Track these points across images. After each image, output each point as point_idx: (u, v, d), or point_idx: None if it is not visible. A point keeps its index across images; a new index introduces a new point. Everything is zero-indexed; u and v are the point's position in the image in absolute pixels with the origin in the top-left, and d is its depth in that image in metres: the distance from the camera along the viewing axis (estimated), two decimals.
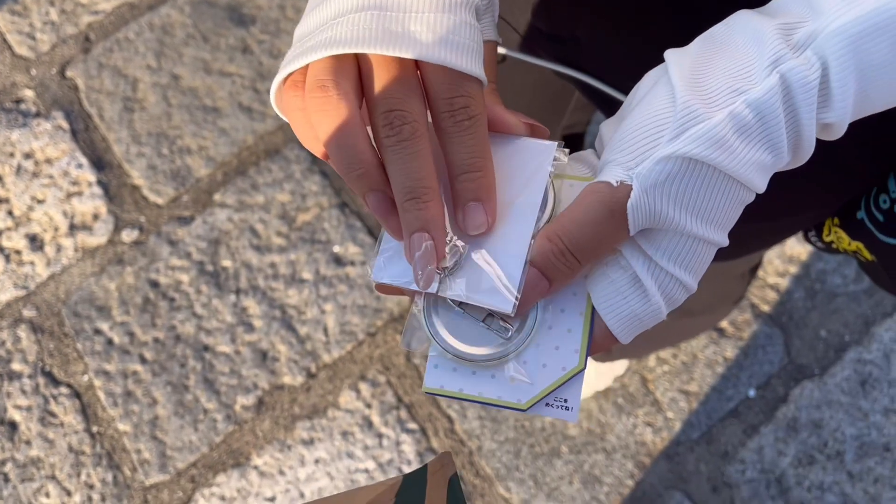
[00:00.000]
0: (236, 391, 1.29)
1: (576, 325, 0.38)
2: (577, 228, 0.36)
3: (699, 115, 0.34)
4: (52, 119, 1.47)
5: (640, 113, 0.36)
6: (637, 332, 0.38)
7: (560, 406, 0.38)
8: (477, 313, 0.38)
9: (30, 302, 1.35)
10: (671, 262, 0.36)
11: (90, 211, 1.40)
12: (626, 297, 0.37)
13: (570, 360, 0.38)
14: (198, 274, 1.36)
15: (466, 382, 0.39)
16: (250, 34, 1.52)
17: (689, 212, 0.35)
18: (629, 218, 0.35)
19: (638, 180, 0.35)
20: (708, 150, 0.34)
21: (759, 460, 1.24)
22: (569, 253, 0.36)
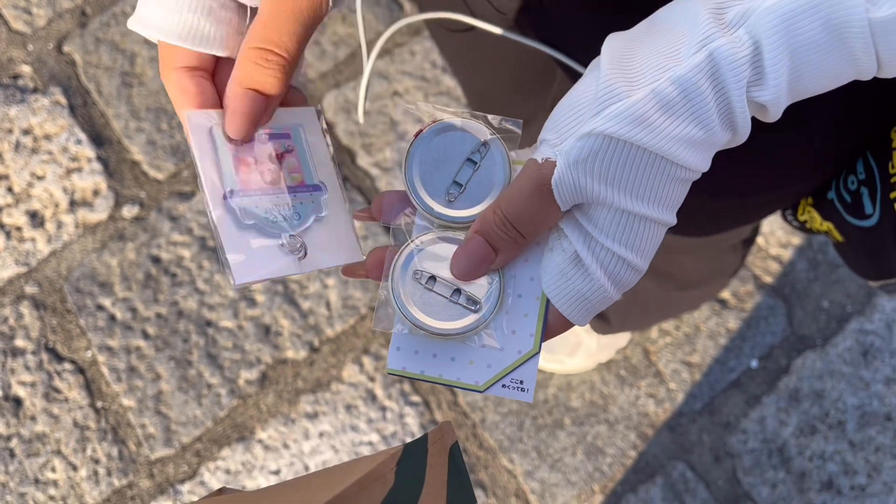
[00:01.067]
0: (240, 366, 1.29)
1: (532, 309, 0.40)
2: (513, 202, 0.38)
3: (619, 94, 0.35)
4: (50, 95, 1.45)
5: (570, 93, 0.37)
6: (588, 313, 0.39)
7: (516, 387, 0.40)
8: (444, 290, 0.40)
9: (31, 278, 1.35)
10: (610, 239, 0.37)
11: (90, 187, 1.40)
12: (569, 279, 0.38)
13: (525, 344, 0.40)
14: (199, 249, 1.36)
15: (427, 364, 0.40)
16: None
17: (616, 188, 0.36)
18: (555, 193, 0.36)
19: (561, 157, 0.36)
20: (626, 128, 0.35)
21: (760, 430, 1.24)
22: (508, 223, 0.38)
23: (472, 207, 0.40)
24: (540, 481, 1.23)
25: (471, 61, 0.82)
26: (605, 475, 1.23)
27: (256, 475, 1.24)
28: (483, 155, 0.41)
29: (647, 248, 0.38)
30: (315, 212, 0.43)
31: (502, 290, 0.40)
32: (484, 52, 0.78)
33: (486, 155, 0.41)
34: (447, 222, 0.40)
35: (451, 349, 0.40)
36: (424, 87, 1.44)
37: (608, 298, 0.38)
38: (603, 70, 0.36)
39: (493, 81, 0.85)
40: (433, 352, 0.40)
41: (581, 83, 0.37)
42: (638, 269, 0.38)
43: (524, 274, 0.40)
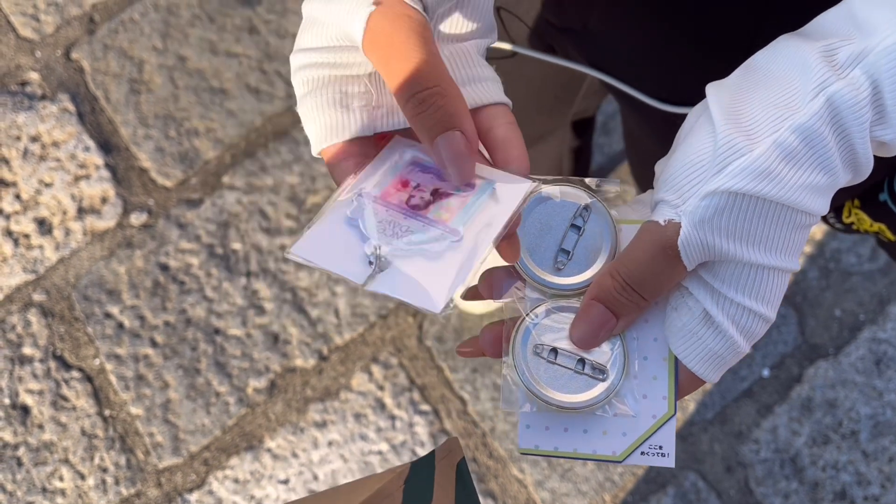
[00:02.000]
0: (248, 374, 1.28)
1: (660, 371, 0.39)
2: (634, 265, 0.37)
3: (741, 149, 0.34)
4: (58, 102, 1.45)
5: (683, 151, 0.37)
6: (721, 370, 0.38)
7: (655, 453, 0.38)
8: (567, 361, 0.39)
9: (39, 286, 1.35)
10: (739, 293, 0.36)
11: (98, 194, 1.39)
12: (700, 338, 0.37)
13: (659, 408, 0.38)
14: (207, 257, 1.35)
15: (560, 440, 0.39)
16: (256, 14, 1.50)
17: (743, 242, 0.35)
18: (682, 254, 0.36)
19: (685, 217, 0.35)
20: (752, 183, 0.34)
21: (773, 440, 1.23)
22: (629, 288, 0.37)
23: (582, 273, 0.39)
24: (550, 491, 1.22)
25: None
26: (615, 485, 1.22)
27: (265, 484, 1.23)
28: (586, 219, 0.40)
29: (775, 297, 0.37)
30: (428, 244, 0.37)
31: (626, 354, 0.39)
32: (512, 74, 0.77)
33: (588, 219, 0.40)
34: (560, 291, 0.39)
35: (582, 421, 0.39)
36: None
37: (740, 353, 0.38)
38: (718, 125, 0.35)
39: (519, 102, 0.85)
40: (564, 426, 0.39)
41: (693, 139, 0.36)
42: (767, 319, 0.38)
43: (646, 335, 0.39)
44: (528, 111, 0.88)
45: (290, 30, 1.49)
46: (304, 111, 0.38)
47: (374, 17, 0.34)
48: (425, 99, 0.34)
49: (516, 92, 0.82)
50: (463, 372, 1.28)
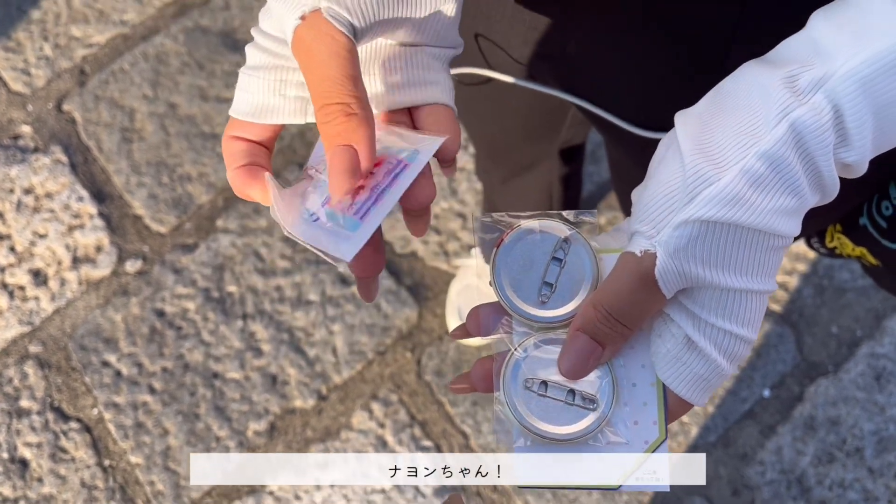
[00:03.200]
0: (248, 417, 1.28)
1: (650, 397, 0.39)
2: (615, 296, 0.38)
3: (709, 178, 0.35)
4: (51, 153, 1.46)
5: (654, 182, 0.38)
6: (707, 392, 0.39)
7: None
8: (558, 393, 0.40)
9: (35, 338, 1.34)
10: (719, 318, 0.37)
11: (93, 243, 1.40)
12: (684, 363, 0.38)
13: (650, 433, 0.39)
14: (204, 301, 1.35)
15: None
16: (245, 59, 1.53)
17: (719, 269, 0.36)
18: (660, 283, 0.37)
19: (660, 248, 0.36)
20: (722, 211, 0.35)
21: (778, 461, 1.23)
22: (612, 318, 0.38)
23: (566, 305, 0.40)
24: None
25: (483, 111, 0.82)
26: None
27: None
28: (567, 251, 0.41)
29: (755, 319, 0.38)
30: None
31: (615, 382, 0.40)
32: (496, 101, 0.78)
33: (569, 251, 0.41)
34: (546, 324, 0.40)
35: (576, 452, 0.39)
36: None
37: (724, 375, 0.39)
38: (686, 155, 0.36)
39: (504, 130, 0.86)
40: (558, 458, 0.40)
41: (663, 169, 0.38)
42: (749, 341, 0.38)
43: (634, 362, 0.40)
44: (516, 139, 0.88)
45: None
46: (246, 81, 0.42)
47: (299, 28, 0.37)
48: (331, 112, 0.36)
49: (503, 121, 0.83)
50: (463, 406, 1.27)
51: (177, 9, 1.57)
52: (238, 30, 1.55)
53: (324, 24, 0.37)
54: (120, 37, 1.55)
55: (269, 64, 0.41)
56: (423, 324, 1.33)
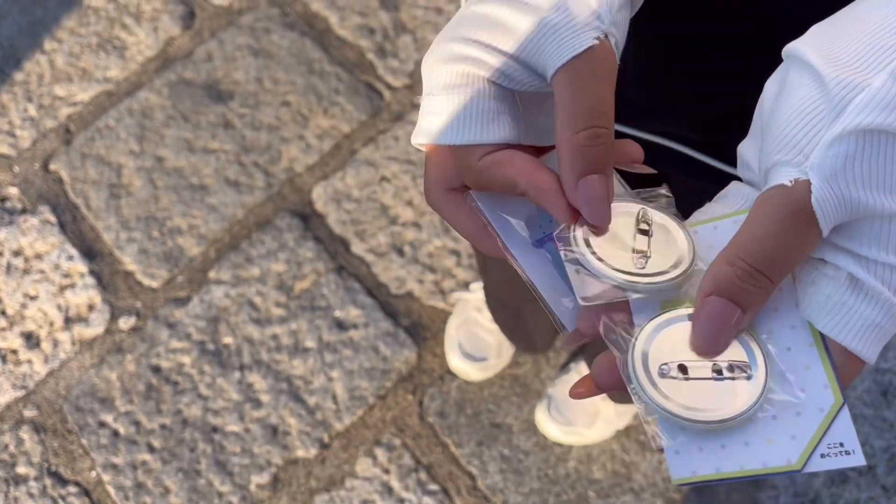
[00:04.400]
0: (250, 470, 1.25)
1: (812, 359, 0.33)
2: (758, 243, 0.32)
3: (857, 85, 0.30)
4: (39, 214, 1.45)
5: (786, 107, 0.33)
6: (881, 342, 0.33)
7: (838, 452, 0.32)
8: (702, 373, 0.34)
9: (30, 401, 1.32)
10: (882, 251, 0.32)
11: (84, 302, 1.38)
12: (850, 307, 0.32)
13: (824, 399, 0.33)
14: (199, 354, 1.33)
15: (720, 460, 0.33)
16: (230, 109, 1.53)
17: (882, 190, 0.31)
18: (818, 215, 0.31)
19: (814, 172, 0.31)
20: (881, 116, 0.30)
21: (791, 484, 1.21)
22: (756, 272, 0.32)
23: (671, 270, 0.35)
24: None
25: None
26: None
27: None
28: (650, 223, 0.36)
29: None
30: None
31: (763, 349, 0.34)
32: None
33: (652, 222, 0.36)
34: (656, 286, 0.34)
35: (740, 433, 0.33)
36: (412, 170, 1.45)
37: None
38: (822, 69, 0.31)
39: None
40: (720, 443, 0.33)
41: (793, 93, 0.33)
42: None
43: (780, 326, 0.34)
44: None
45: (265, 121, 1.51)
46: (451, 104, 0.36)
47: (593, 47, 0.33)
48: (601, 135, 0.33)
49: None
50: (468, 446, 1.25)
51: (159, 63, 1.58)
52: (222, 80, 1.55)
53: (610, 48, 0.34)
54: (104, 94, 1.55)
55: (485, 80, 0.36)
56: (423, 364, 1.31)
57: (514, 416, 1.27)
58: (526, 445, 1.25)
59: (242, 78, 1.55)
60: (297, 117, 1.51)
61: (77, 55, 1.59)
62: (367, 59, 1.56)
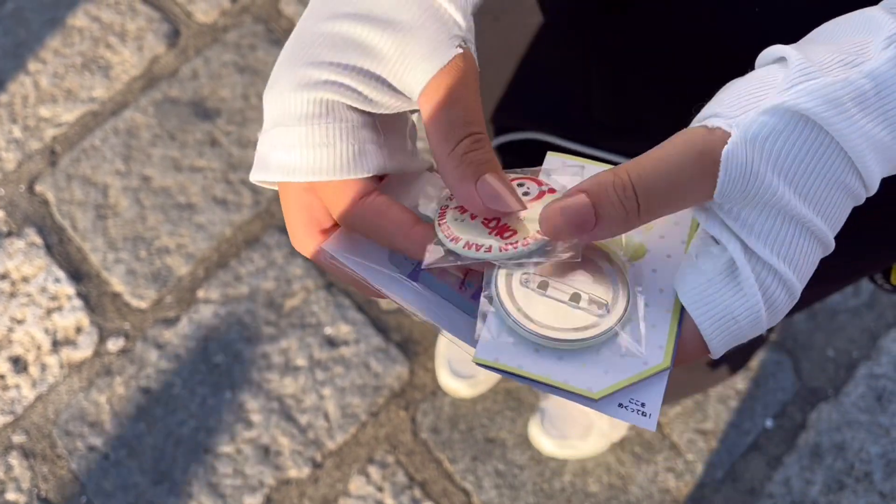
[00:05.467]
0: (242, 492, 1.24)
1: (661, 321, 0.34)
2: (652, 164, 0.31)
3: (814, 74, 0.31)
4: (25, 236, 1.44)
5: (740, 82, 0.33)
6: (731, 339, 0.33)
7: (636, 410, 0.32)
8: (560, 295, 0.34)
9: (18, 427, 1.30)
10: (769, 250, 0.32)
11: (72, 325, 1.37)
12: (718, 291, 0.32)
13: (653, 356, 0.33)
14: (190, 374, 1.32)
15: (528, 360, 0.33)
16: (217, 127, 1.52)
17: (787, 181, 0.31)
18: (721, 166, 0.31)
19: (738, 129, 0.31)
20: (822, 107, 0.30)
21: (787, 493, 1.20)
22: (630, 188, 0.31)
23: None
24: None
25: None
26: None
27: None
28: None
29: (805, 268, 0.33)
30: None
31: (630, 300, 0.34)
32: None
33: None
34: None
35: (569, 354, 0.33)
36: None
37: (758, 325, 0.33)
38: (791, 56, 0.32)
39: None
40: (534, 346, 0.33)
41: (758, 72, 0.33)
42: (793, 292, 0.33)
43: (653, 285, 0.35)
44: None
45: (252, 138, 1.50)
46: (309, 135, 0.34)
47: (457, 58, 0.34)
48: (481, 139, 0.34)
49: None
50: (463, 462, 1.24)
51: (145, 82, 1.57)
52: (208, 98, 1.55)
53: (471, 56, 0.34)
54: (89, 114, 1.54)
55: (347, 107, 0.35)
56: (416, 380, 1.30)
57: (508, 431, 1.26)
58: (521, 460, 1.24)
59: (229, 95, 1.55)
60: None
61: (62, 76, 1.58)
62: None
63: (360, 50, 0.34)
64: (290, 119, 0.35)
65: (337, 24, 0.35)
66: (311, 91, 0.34)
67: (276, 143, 0.35)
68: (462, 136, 0.33)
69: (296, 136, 0.34)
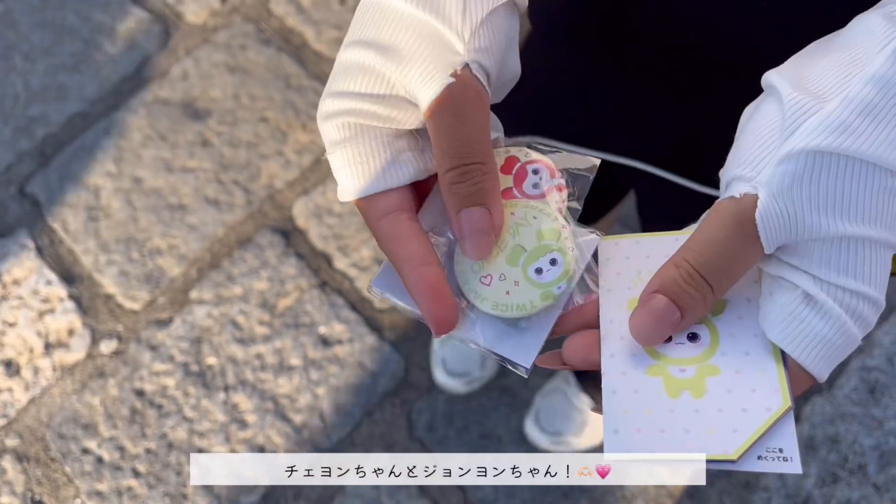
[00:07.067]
0: (238, 492, 1.24)
1: (767, 363, 0.34)
2: (704, 248, 0.33)
3: (810, 108, 0.32)
4: (16, 239, 1.43)
5: (750, 128, 0.34)
6: (831, 359, 0.33)
7: (776, 458, 0.33)
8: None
9: (11, 430, 1.30)
10: (838, 274, 0.32)
11: (65, 327, 1.36)
12: (802, 320, 0.33)
13: (773, 400, 0.33)
14: (183, 376, 1.32)
15: (657, 443, 0.33)
16: (208, 127, 1.51)
17: (830, 212, 0.32)
18: (759, 229, 0.32)
19: (762, 188, 0.32)
20: (830, 138, 0.31)
21: (782, 486, 1.20)
22: (697, 275, 0.33)
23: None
24: None
25: None
26: None
27: None
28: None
29: (880, 275, 0.33)
30: None
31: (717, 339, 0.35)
32: None
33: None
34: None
35: (681, 419, 0.34)
36: None
37: (852, 340, 0.33)
38: (784, 93, 0.33)
39: None
40: (660, 427, 0.34)
41: (758, 117, 0.34)
42: (876, 302, 0.33)
43: (745, 332, 0.35)
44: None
45: (243, 138, 1.50)
46: (345, 157, 0.36)
47: (449, 87, 0.34)
48: (467, 172, 0.34)
49: None
50: None
51: (135, 83, 1.56)
52: (198, 98, 1.54)
53: (472, 81, 0.35)
54: (79, 115, 1.54)
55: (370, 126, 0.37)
56: (410, 378, 1.30)
57: (504, 427, 1.26)
58: None
59: (219, 95, 1.54)
60: (275, 133, 1.50)
61: (52, 77, 1.57)
62: None
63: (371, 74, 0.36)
64: (330, 146, 0.37)
65: (353, 52, 0.37)
66: (338, 118, 0.36)
67: (333, 168, 0.38)
68: (450, 167, 0.35)
69: (339, 160, 0.37)
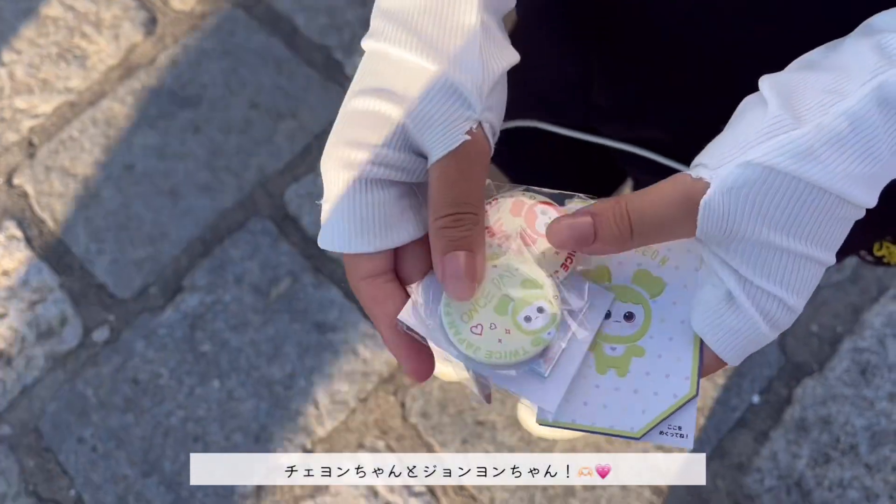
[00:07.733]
0: (235, 488, 1.24)
1: (685, 353, 0.39)
2: (646, 201, 0.36)
3: (786, 125, 0.34)
4: (4, 230, 1.42)
5: (734, 125, 0.36)
6: (741, 350, 0.37)
7: (674, 434, 0.38)
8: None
9: (4, 421, 1.29)
10: (763, 278, 0.35)
11: (56, 317, 1.36)
12: (721, 315, 0.37)
13: (681, 388, 0.38)
14: (177, 364, 1.31)
15: (577, 413, 0.39)
16: (198, 113, 1.50)
17: (770, 223, 0.34)
18: (699, 213, 0.35)
19: (716, 180, 0.34)
20: (790, 161, 0.33)
21: (775, 467, 1.21)
22: (626, 218, 0.35)
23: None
24: None
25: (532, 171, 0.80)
26: None
27: None
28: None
29: (802, 285, 0.36)
30: None
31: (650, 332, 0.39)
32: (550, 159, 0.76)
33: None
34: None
35: (602, 395, 0.39)
36: None
37: (763, 336, 0.37)
38: (771, 104, 0.35)
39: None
40: (583, 399, 0.38)
41: (741, 119, 0.36)
42: (794, 309, 0.36)
43: (674, 317, 0.39)
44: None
45: (234, 125, 1.49)
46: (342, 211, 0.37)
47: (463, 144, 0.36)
48: (461, 219, 0.36)
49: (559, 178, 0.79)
50: (453, 445, 1.24)
51: (122, 71, 1.55)
52: (188, 84, 1.53)
53: (481, 138, 0.36)
54: (66, 104, 1.52)
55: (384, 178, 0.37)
56: None
57: (498, 413, 1.27)
58: (510, 441, 1.25)
59: (209, 80, 1.53)
60: (266, 119, 1.49)
61: (37, 66, 1.56)
62: (334, 58, 1.55)
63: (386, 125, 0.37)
64: (331, 195, 0.38)
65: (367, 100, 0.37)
66: (347, 170, 0.37)
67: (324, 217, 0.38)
68: (445, 213, 0.36)
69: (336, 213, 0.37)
